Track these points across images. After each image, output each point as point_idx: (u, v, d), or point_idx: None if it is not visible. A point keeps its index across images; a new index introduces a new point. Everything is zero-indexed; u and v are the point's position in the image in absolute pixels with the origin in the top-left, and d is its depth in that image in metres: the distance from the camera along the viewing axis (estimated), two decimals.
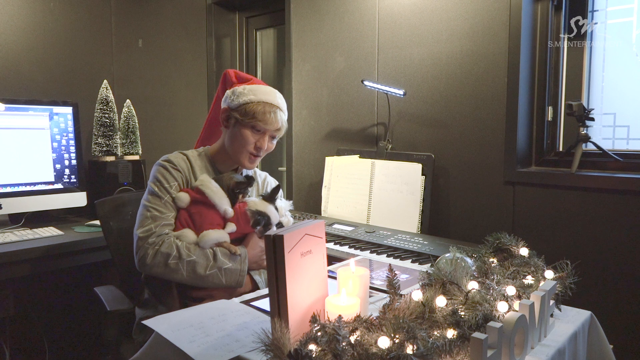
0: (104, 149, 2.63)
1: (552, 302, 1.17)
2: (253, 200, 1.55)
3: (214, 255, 1.46)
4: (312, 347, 0.86)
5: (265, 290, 1.43)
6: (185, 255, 1.43)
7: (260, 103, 1.54)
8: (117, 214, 1.82)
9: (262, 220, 1.50)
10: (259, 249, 1.56)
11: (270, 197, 1.55)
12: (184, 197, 1.51)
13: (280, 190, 1.61)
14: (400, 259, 1.76)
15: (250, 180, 1.58)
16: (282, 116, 1.60)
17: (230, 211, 1.51)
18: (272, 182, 1.78)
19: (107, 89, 2.66)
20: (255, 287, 1.56)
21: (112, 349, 1.62)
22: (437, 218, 2.16)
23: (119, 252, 1.78)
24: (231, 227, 1.51)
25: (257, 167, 1.74)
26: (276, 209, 1.54)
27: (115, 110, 2.69)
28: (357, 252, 1.88)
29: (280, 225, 1.55)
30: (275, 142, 1.63)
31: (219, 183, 1.53)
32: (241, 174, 1.65)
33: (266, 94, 1.57)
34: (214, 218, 1.50)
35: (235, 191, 1.54)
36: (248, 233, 1.56)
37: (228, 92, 1.60)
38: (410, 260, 1.75)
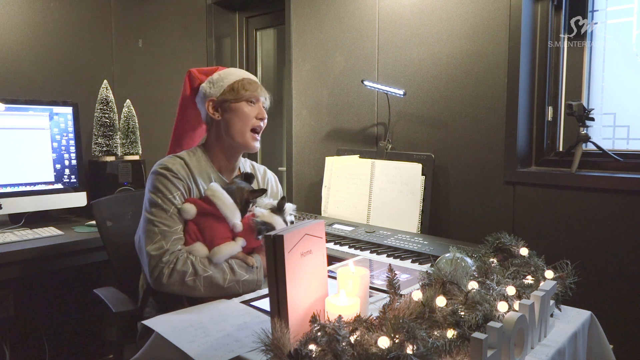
0: (104, 149, 2.63)
1: (552, 302, 1.17)
2: (261, 211, 1.51)
3: (230, 268, 1.44)
4: (312, 347, 0.86)
5: (265, 290, 1.43)
6: (201, 271, 1.39)
7: (241, 79, 1.58)
8: (114, 214, 1.82)
9: (263, 229, 1.45)
10: None
11: (279, 209, 1.52)
12: (190, 209, 1.45)
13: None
14: (400, 259, 1.76)
15: (261, 190, 1.54)
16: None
17: (239, 225, 1.46)
18: (271, 177, 1.77)
19: (107, 89, 2.66)
20: None
21: (115, 350, 1.61)
22: (437, 218, 2.16)
23: (116, 253, 1.78)
24: (241, 241, 1.47)
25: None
26: (284, 221, 1.51)
27: (115, 110, 2.69)
28: (357, 252, 1.88)
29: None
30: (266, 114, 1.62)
31: (230, 195, 1.47)
32: (239, 174, 1.63)
33: (239, 72, 1.61)
34: (224, 231, 1.45)
35: (250, 201, 1.49)
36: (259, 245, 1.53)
37: (204, 85, 1.59)
38: (410, 260, 1.75)
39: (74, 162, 2.55)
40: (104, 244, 1.78)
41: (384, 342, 0.87)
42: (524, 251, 1.29)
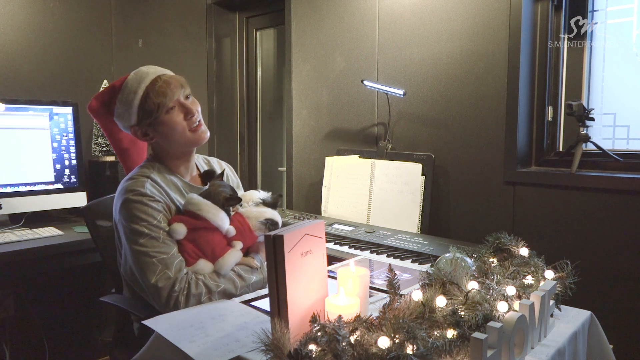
0: (104, 149, 2.63)
1: (552, 302, 1.17)
2: (249, 210, 1.50)
3: (238, 275, 1.43)
4: (312, 347, 0.86)
5: (265, 290, 1.43)
6: (214, 287, 1.37)
7: (145, 92, 1.42)
8: (111, 214, 1.80)
9: (274, 228, 1.45)
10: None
11: (273, 205, 1.53)
12: (180, 229, 1.39)
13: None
14: (400, 259, 1.76)
15: (237, 198, 1.50)
16: (169, 74, 1.48)
17: (232, 230, 1.45)
18: (228, 170, 1.71)
19: None
20: None
21: (120, 350, 1.60)
22: (437, 218, 2.16)
23: (111, 254, 1.76)
24: (239, 245, 1.46)
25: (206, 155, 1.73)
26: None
27: None
28: (357, 252, 1.88)
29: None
30: (192, 99, 1.49)
31: (210, 200, 1.43)
32: (199, 173, 1.60)
33: (139, 81, 1.43)
34: (221, 240, 1.44)
35: (226, 208, 1.47)
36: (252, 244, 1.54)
37: (116, 120, 1.50)
38: (410, 260, 1.75)
39: (74, 162, 2.55)
40: (96, 246, 1.75)
41: (384, 342, 0.87)
42: (524, 251, 1.28)
